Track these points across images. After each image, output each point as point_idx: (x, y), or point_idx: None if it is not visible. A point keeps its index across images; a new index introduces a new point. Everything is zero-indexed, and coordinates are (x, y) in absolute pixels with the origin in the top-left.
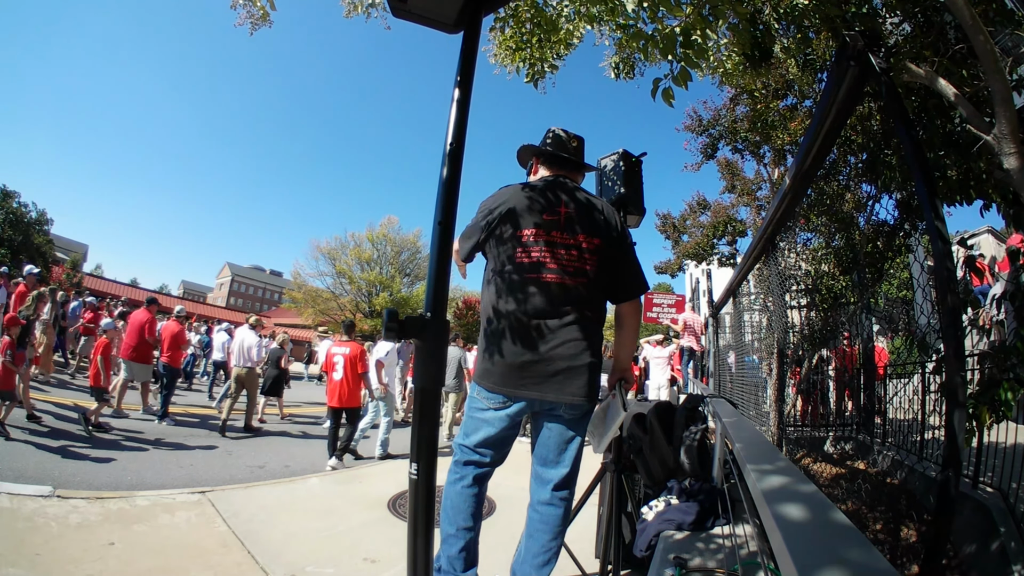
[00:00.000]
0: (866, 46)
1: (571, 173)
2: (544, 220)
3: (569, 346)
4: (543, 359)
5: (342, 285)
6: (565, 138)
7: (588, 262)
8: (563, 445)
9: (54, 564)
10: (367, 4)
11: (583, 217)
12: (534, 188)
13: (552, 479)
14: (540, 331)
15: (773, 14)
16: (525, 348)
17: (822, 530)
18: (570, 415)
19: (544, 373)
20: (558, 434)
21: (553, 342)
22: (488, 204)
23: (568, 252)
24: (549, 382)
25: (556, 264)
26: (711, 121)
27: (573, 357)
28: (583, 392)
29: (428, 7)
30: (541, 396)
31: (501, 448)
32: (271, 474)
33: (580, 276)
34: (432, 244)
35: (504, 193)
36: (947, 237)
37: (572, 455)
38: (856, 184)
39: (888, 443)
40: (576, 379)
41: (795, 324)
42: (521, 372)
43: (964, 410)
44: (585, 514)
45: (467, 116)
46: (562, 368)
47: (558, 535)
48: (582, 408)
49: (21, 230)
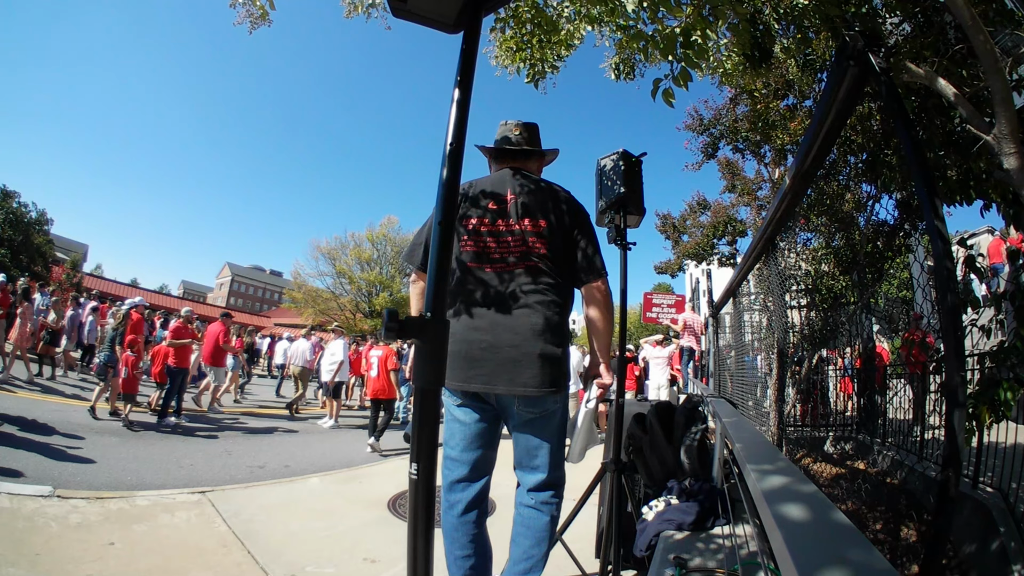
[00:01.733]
0: (866, 46)
1: (522, 162)
2: (489, 209)
3: (517, 335)
4: (490, 349)
5: (342, 285)
6: (509, 130)
7: (535, 245)
8: (533, 450)
9: (54, 564)
10: (367, 4)
11: (531, 202)
12: (484, 181)
13: (529, 483)
14: (488, 321)
15: (773, 14)
16: (472, 340)
17: (822, 530)
18: (530, 413)
19: (491, 364)
20: (525, 437)
21: (500, 331)
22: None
23: (513, 238)
24: (497, 374)
25: (501, 252)
26: (712, 120)
27: (521, 345)
28: (535, 382)
29: (428, 7)
30: (491, 388)
31: (477, 449)
32: (271, 474)
33: (527, 260)
34: (432, 244)
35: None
36: (947, 237)
37: (546, 458)
38: (856, 184)
39: (888, 443)
40: (526, 368)
41: (795, 324)
42: (471, 365)
43: (964, 410)
44: (585, 514)
45: (467, 116)
46: (510, 357)
47: (541, 542)
48: (542, 404)
49: (21, 230)
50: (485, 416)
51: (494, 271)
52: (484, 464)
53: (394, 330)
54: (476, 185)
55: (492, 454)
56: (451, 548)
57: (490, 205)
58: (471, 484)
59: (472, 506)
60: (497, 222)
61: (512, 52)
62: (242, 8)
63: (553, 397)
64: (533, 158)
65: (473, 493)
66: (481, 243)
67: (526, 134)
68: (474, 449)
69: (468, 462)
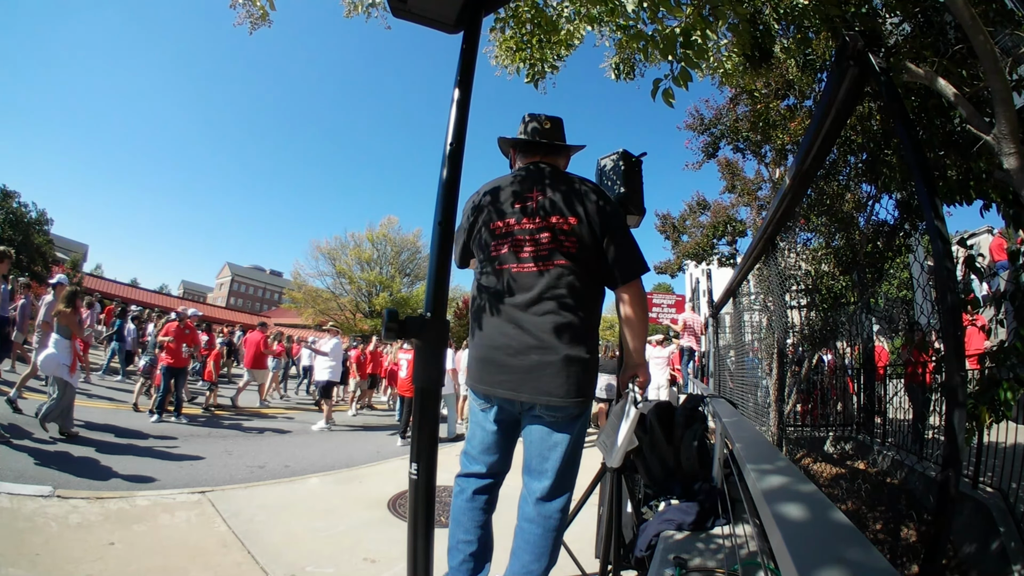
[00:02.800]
0: (866, 46)
1: (549, 157)
2: (516, 208)
3: (543, 339)
4: (516, 355)
5: (342, 285)
6: (538, 122)
7: (565, 245)
8: (545, 451)
9: (54, 564)
10: (367, 4)
11: (559, 199)
12: (509, 179)
13: (536, 491)
14: (513, 325)
15: (773, 14)
16: (498, 345)
17: (822, 530)
18: (552, 416)
19: (518, 370)
20: (539, 438)
21: (526, 336)
22: (468, 203)
23: (542, 236)
24: (524, 380)
25: (529, 251)
26: (713, 120)
27: (547, 351)
28: (561, 391)
29: (428, 7)
30: (516, 396)
31: (495, 454)
32: (271, 474)
33: (555, 259)
34: (432, 244)
35: (481, 190)
36: (947, 237)
37: (557, 463)
38: (856, 184)
39: (888, 443)
40: (552, 376)
41: (795, 324)
42: (497, 371)
43: (964, 410)
44: (585, 514)
45: (467, 116)
46: (535, 364)
47: (540, 557)
48: (566, 410)
49: (21, 230)
50: (507, 424)
51: (521, 271)
52: (500, 466)
53: (394, 330)
54: (500, 183)
55: (509, 457)
56: (455, 531)
57: (515, 204)
58: (483, 478)
59: (482, 492)
60: (523, 221)
61: (512, 52)
62: (242, 9)
63: (577, 405)
64: (561, 153)
65: (485, 482)
66: (507, 244)
67: (554, 130)
68: (492, 454)
69: (485, 463)
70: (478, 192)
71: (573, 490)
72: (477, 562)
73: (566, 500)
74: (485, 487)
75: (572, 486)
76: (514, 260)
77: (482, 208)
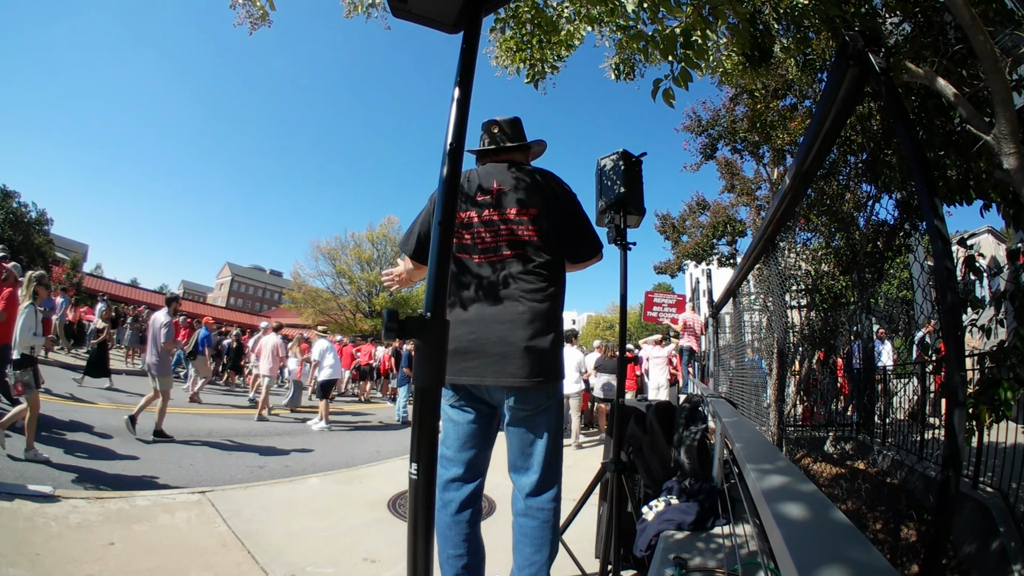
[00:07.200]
0: (866, 46)
1: (509, 156)
2: (478, 200)
3: (504, 326)
4: (478, 341)
5: (342, 285)
6: (499, 127)
7: (524, 233)
8: (526, 446)
9: (54, 564)
10: (367, 4)
11: (517, 189)
12: (472, 173)
13: (525, 487)
14: (475, 313)
15: (773, 14)
16: (464, 332)
17: (822, 530)
18: (523, 410)
19: (482, 356)
20: (517, 434)
21: (487, 323)
22: (433, 195)
23: (502, 227)
24: (488, 365)
25: (489, 241)
26: (710, 121)
27: (508, 337)
28: (524, 372)
29: (428, 7)
30: (480, 381)
31: (472, 448)
32: (271, 474)
33: (515, 248)
34: (432, 244)
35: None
36: (947, 237)
37: (540, 456)
38: (856, 184)
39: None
40: (515, 359)
41: (795, 324)
42: (461, 358)
43: (964, 410)
44: (585, 514)
45: (467, 116)
46: (500, 349)
47: (541, 547)
48: (535, 400)
49: (21, 230)
50: (479, 415)
51: (484, 261)
52: (479, 463)
53: (394, 330)
54: (465, 177)
55: (487, 454)
56: (444, 547)
57: (477, 196)
58: (465, 484)
59: (466, 505)
60: (484, 212)
61: (512, 52)
62: (242, 9)
63: (544, 391)
64: (515, 152)
65: (467, 492)
66: (470, 234)
67: (508, 130)
68: (468, 449)
69: (462, 461)
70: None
71: (561, 479)
72: (471, 572)
73: (557, 491)
74: (468, 497)
75: (559, 475)
76: (475, 251)
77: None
